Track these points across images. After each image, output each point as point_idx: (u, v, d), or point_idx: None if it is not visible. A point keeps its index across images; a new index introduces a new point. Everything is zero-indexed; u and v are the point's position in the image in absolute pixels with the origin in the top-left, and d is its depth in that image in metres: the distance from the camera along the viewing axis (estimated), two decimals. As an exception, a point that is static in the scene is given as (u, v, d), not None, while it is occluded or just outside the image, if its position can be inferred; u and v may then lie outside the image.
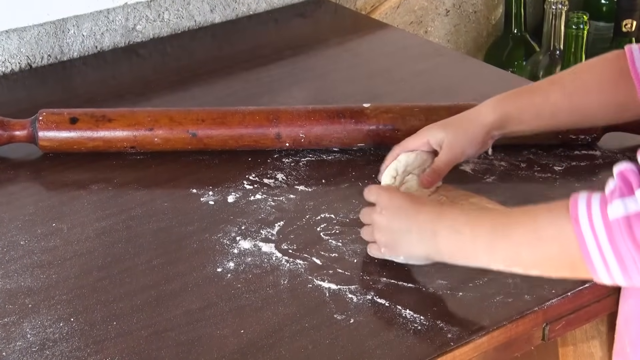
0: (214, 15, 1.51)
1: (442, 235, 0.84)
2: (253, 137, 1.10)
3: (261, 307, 0.86)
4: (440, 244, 0.84)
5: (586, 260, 0.73)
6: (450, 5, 1.76)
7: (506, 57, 1.68)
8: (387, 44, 1.44)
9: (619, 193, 0.71)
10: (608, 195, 0.73)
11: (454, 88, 1.27)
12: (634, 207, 0.70)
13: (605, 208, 0.72)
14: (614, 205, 0.71)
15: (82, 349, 0.82)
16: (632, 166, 0.73)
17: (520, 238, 0.79)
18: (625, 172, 0.72)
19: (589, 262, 0.73)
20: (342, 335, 0.82)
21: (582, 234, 0.73)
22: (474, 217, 0.84)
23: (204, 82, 1.32)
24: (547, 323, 0.86)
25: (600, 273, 0.73)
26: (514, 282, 0.88)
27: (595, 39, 1.67)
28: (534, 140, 1.09)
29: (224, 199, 1.03)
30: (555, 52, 1.54)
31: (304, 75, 1.33)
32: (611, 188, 0.73)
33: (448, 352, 0.80)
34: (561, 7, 1.51)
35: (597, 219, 0.72)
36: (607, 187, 0.73)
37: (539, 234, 0.77)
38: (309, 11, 1.56)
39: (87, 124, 1.11)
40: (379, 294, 0.87)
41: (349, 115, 1.10)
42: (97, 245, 0.96)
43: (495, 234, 0.81)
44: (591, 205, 0.73)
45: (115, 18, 1.43)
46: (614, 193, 0.72)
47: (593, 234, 0.72)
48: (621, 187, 0.72)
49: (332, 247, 0.94)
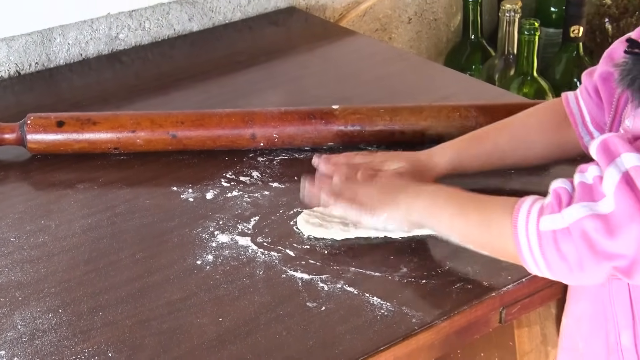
0: (192, 24, 1.51)
1: (422, 198, 0.88)
2: (229, 138, 1.10)
3: (238, 297, 0.86)
4: (418, 203, 0.88)
5: (521, 259, 0.79)
6: (412, 13, 1.76)
7: (464, 61, 1.69)
8: (355, 50, 1.44)
9: (550, 209, 0.76)
10: (545, 207, 0.77)
11: (417, 90, 1.27)
12: (559, 224, 0.75)
13: (539, 220, 0.77)
14: (544, 220, 0.76)
15: (70, 339, 0.81)
16: (565, 184, 0.77)
17: (474, 223, 0.84)
18: (557, 190, 0.77)
19: (523, 261, 0.79)
20: (314, 322, 0.82)
21: (518, 238, 0.78)
22: (452, 192, 0.88)
23: (183, 87, 1.31)
24: (503, 307, 0.87)
25: (533, 270, 0.79)
26: (473, 270, 0.88)
27: (545, 43, 1.68)
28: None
29: (202, 196, 1.03)
30: (509, 56, 1.55)
31: (277, 80, 1.33)
32: (547, 202, 0.77)
33: (412, 335, 0.80)
34: (514, 15, 1.52)
35: (532, 229, 0.77)
36: (545, 200, 0.78)
37: (489, 225, 0.82)
38: (282, 19, 1.55)
39: (73, 127, 1.10)
40: (348, 283, 0.87)
41: (319, 116, 1.10)
42: (83, 240, 0.96)
43: (459, 210, 0.85)
44: (530, 215, 0.78)
45: (99, 27, 1.42)
46: (546, 208, 0.77)
47: (527, 240, 0.77)
48: (553, 204, 0.76)
49: (304, 239, 0.94)
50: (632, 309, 0.82)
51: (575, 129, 1.00)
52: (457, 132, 1.09)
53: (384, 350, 0.79)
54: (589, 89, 0.98)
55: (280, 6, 1.58)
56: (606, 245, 0.72)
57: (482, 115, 1.09)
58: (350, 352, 0.78)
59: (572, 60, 1.60)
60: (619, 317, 0.84)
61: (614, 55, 0.93)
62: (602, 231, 0.72)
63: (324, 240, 0.93)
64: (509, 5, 1.52)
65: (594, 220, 0.72)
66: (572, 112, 1.00)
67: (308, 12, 1.60)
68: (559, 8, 1.74)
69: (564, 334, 0.94)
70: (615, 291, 0.83)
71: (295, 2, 1.60)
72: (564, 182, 0.77)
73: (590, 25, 1.68)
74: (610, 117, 0.91)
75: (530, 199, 0.79)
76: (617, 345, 0.84)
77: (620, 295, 0.83)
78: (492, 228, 0.82)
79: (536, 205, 0.78)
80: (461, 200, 0.86)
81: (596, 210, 0.73)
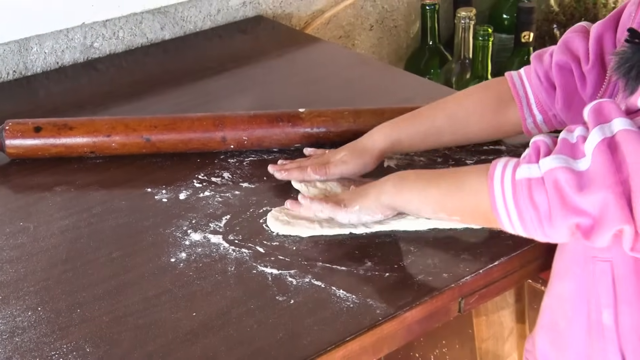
0: (164, 32, 1.50)
1: (391, 180, 0.89)
2: (201, 141, 1.09)
3: (211, 292, 0.85)
4: (387, 185, 0.88)
5: (494, 212, 0.77)
6: (373, 21, 1.76)
7: (423, 66, 1.69)
8: (320, 56, 1.44)
9: (527, 159, 0.75)
10: (521, 159, 0.76)
11: (379, 93, 1.27)
12: (535, 173, 0.73)
13: (515, 170, 0.75)
14: (521, 168, 0.74)
15: (49, 335, 0.80)
16: (546, 138, 0.75)
17: (447, 188, 0.84)
18: (537, 142, 0.75)
19: (496, 213, 0.77)
20: (283, 315, 0.82)
21: (493, 188, 0.76)
22: (420, 171, 0.89)
23: (156, 93, 1.30)
24: (462, 297, 0.87)
25: (505, 224, 0.77)
26: (433, 262, 0.88)
27: (498, 48, 1.69)
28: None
29: (176, 196, 1.02)
30: (465, 60, 1.56)
31: (246, 85, 1.32)
32: (525, 154, 0.76)
33: (377, 326, 0.80)
34: (469, 22, 1.52)
35: (507, 178, 0.75)
36: (523, 154, 0.76)
37: (462, 187, 0.81)
38: (250, 28, 1.55)
39: (50, 132, 1.09)
40: (316, 277, 0.87)
41: (287, 119, 1.10)
42: (61, 241, 0.95)
43: (429, 182, 0.86)
44: (506, 167, 0.76)
45: (74, 36, 1.41)
46: (524, 158, 0.75)
47: (501, 189, 0.76)
48: (531, 154, 0.75)
49: (273, 236, 0.93)
50: (614, 289, 0.82)
51: (519, 109, 0.99)
52: (416, 132, 1.09)
53: (350, 340, 0.79)
54: (539, 73, 0.98)
55: (249, 15, 1.58)
56: (574, 199, 0.70)
57: (440, 117, 1.09)
58: (318, 343, 0.78)
59: (523, 63, 1.60)
60: (601, 296, 0.83)
61: (570, 45, 0.94)
62: (573, 184, 0.70)
63: (292, 237, 0.93)
64: (464, 12, 1.52)
65: (567, 172, 0.71)
66: (518, 92, 0.99)
67: (275, 20, 1.60)
68: (511, 15, 1.75)
69: (545, 312, 0.93)
70: (599, 271, 0.82)
71: (262, 11, 1.59)
72: (545, 136, 0.76)
73: (539, 31, 1.69)
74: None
75: (505, 157, 0.78)
76: (598, 324, 0.84)
77: (603, 275, 0.82)
78: (465, 187, 0.81)
79: (513, 160, 0.77)
80: (430, 174, 0.87)
81: (572, 165, 0.71)
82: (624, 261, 0.78)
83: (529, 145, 0.76)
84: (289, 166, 1.02)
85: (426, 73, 1.67)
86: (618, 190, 0.69)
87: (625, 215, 0.69)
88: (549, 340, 0.93)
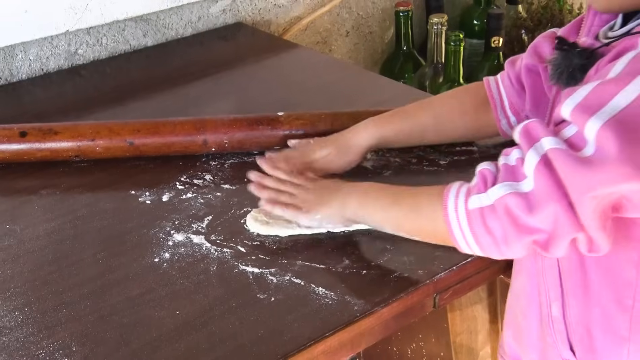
0: (146, 39, 1.49)
1: (354, 194, 0.88)
2: (183, 144, 1.09)
3: (194, 291, 0.85)
4: (351, 198, 0.88)
5: (451, 238, 0.79)
6: (349, 27, 1.76)
7: (398, 70, 1.69)
8: (298, 61, 1.43)
9: (477, 189, 0.76)
10: (471, 189, 0.77)
11: (355, 97, 1.27)
12: (486, 202, 0.75)
13: (467, 200, 0.77)
14: (472, 199, 0.76)
15: (35, 334, 0.79)
16: (490, 166, 0.77)
17: (406, 210, 0.84)
18: (483, 172, 0.77)
19: (453, 239, 0.79)
20: (264, 312, 0.81)
21: (448, 217, 0.78)
22: (382, 186, 0.88)
23: (139, 98, 1.30)
24: (437, 293, 0.87)
25: (463, 247, 0.79)
26: (408, 260, 0.88)
27: (470, 53, 1.69)
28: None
29: (159, 198, 1.01)
30: (438, 65, 1.56)
31: (226, 89, 1.32)
32: (473, 184, 0.77)
33: (355, 322, 0.80)
34: (441, 27, 1.52)
35: (461, 208, 0.77)
36: (472, 181, 0.78)
37: (420, 211, 0.83)
38: (230, 34, 1.54)
39: (36, 136, 1.07)
40: (295, 275, 0.86)
41: (266, 122, 1.09)
42: (47, 243, 0.94)
43: (391, 202, 0.86)
44: (458, 197, 0.78)
45: (58, 44, 1.40)
46: (473, 189, 0.77)
47: (457, 219, 0.77)
48: (479, 184, 0.76)
49: (254, 236, 0.93)
50: (561, 283, 0.83)
51: (494, 111, 1.01)
52: (392, 134, 1.09)
53: (329, 336, 0.79)
54: (512, 77, 0.99)
55: (229, 22, 1.57)
56: (527, 221, 0.72)
57: (414, 119, 1.09)
58: (298, 338, 0.78)
59: (493, 67, 1.62)
60: (550, 290, 0.85)
61: (539, 49, 0.95)
62: (523, 207, 0.72)
63: (272, 237, 0.93)
64: (437, 19, 1.52)
65: (515, 197, 0.72)
66: (493, 96, 1.01)
67: (254, 27, 1.59)
68: (481, 21, 1.75)
69: (507, 310, 0.94)
70: (547, 266, 0.84)
71: (242, 19, 1.59)
72: (489, 164, 0.78)
73: (508, 36, 1.70)
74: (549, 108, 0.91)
75: (457, 183, 0.80)
76: (549, 317, 0.85)
77: (551, 269, 0.84)
78: (422, 213, 0.82)
79: (463, 188, 0.78)
80: (391, 191, 0.87)
81: (517, 189, 0.73)
82: (568, 256, 0.80)
83: (475, 174, 0.78)
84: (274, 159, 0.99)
85: (400, 77, 1.67)
86: (564, 203, 0.71)
87: (576, 224, 0.71)
88: (512, 335, 0.94)
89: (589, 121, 0.69)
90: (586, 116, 0.69)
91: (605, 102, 0.69)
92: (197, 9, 1.52)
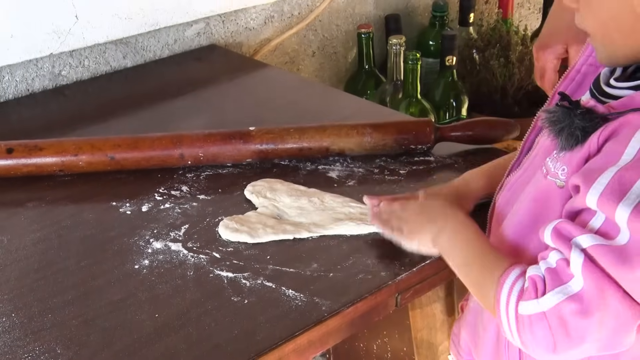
0: (126, 61, 1.47)
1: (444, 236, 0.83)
2: (161, 158, 1.07)
3: (172, 295, 0.84)
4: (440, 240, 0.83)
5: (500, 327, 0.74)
6: (316, 48, 1.76)
7: (360, 87, 1.69)
8: (268, 80, 1.43)
9: (527, 296, 0.71)
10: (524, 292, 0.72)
11: (321, 112, 1.27)
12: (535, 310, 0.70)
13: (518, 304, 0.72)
14: (522, 305, 0.71)
15: (22, 339, 0.78)
16: (539, 272, 0.72)
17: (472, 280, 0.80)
18: (533, 277, 0.72)
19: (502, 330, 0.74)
20: (238, 314, 0.81)
21: (499, 312, 0.73)
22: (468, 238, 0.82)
23: (119, 115, 1.28)
24: (399, 293, 0.87)
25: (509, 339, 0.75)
26: (372, 263, 0.88)
27: (426, 71, 1.70)
28: (383, 151, 1.10)
29: (138, 208, 1.00)
30: (397, 82, 1.56)
31: (201, 107, 1.31)
32: (525, 287, 0.72)
33: (323, 321, 0.80)
34: (400, 48, 1.53)
35: (512, 311, 0.72)
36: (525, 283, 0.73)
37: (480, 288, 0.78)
38: (204, 55, 1.53)
39: (22, 153, 1.06)
40: (267, 279, 0.86)
41: (239, 137, 1.09)
42: (33, 252, 0.92)
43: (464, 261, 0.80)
44: (510, 296, 0.73)
45: (43, 66, 1.38)
46: (525, 294, 0.72)
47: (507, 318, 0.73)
48: (530, 290, 0.71)
49: (228, 243, 0.92)
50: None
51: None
52: (355, 147, 1.09)
53: (299, 335, 0.78)
54: None
55: (203, 44, 1.56)
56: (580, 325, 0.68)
57: (376, 132, 1.09)
58: (271, 338, 0.77)
59: (448, 84, 1.63)
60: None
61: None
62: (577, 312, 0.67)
63: (245, 243, 0.92)
64: (395, 40, 1.53)
65: (569, 302, 0.68)
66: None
67: (227, 48, 1.59)
68: (436, 42, 1.76)
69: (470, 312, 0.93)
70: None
71: (215, 41, 1.58)
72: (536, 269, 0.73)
73: (461, 55, 1.70)
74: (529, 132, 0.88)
75: (513, 274, 0.74)
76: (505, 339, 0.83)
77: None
78: (482, 291, 0.77)
79: (517, 286, 0.73)
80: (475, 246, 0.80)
81: (568, 292, 0.68)
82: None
83: (526, 278, 0.72)
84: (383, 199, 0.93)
85: (363, 93, 1.67)
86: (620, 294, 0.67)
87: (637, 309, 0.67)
88: (469, 335, 0.93)
89: (618, 209, 0.66)
90: (614, 204, 0.66)
91: (628, 188, 0.65)
92: (173, 32, 1.51)
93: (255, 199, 1.00)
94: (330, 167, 1.08)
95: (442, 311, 1.05)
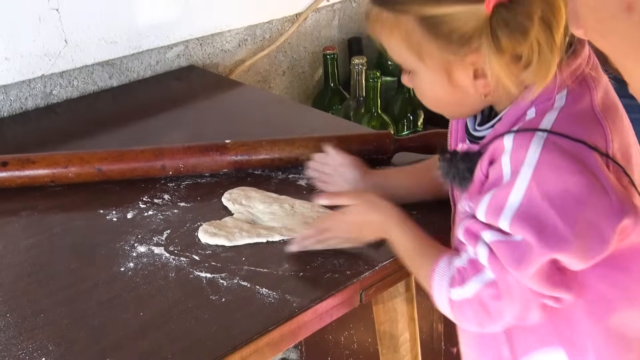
0: (112, 80, 1.46)
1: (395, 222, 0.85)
2: (144, 169, 1.06)
3: (155, 295, 0.83)
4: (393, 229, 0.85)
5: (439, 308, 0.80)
6: (285, 68, 1.76)
7: (327, 103, 1.70)
8: (242, 97, 1.42)
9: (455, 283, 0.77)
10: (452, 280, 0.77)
11: (291, 126, 1.26)
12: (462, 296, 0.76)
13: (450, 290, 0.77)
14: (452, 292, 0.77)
15: (16, 337, 0.76)
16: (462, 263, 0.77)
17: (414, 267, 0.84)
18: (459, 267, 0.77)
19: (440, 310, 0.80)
20: (217, 311, 0.80)
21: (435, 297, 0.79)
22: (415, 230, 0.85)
23: (106, 131, 1.27)
24: (363, 290, 0.87)
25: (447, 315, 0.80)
26: (338, 262, 0.88)
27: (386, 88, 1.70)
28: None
29: (124, 216, 0.99)
30: (360, 98, 1.57)
31: (181, 122, 1.30)
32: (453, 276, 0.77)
33: (294, 317, 0.79)
34: (362, 67, 1.54)
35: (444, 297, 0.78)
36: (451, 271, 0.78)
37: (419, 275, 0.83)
38: (184, 75, 1.52)
39: (15, 165, 1.04)
40: (243, 278, 0.85)
41: (215, 149, 1.08)
42: (26, 257, 0.90)
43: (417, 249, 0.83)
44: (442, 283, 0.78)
45: (35, 86, 1.36)
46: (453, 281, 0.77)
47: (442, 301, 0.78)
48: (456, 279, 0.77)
49: (206, 246, 0.91)
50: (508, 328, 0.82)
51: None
52: (322, 157, 1.09)
53: (273, 329, 0.78)
54: None
55: (182, 65, 1.55)
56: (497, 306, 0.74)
57: (341, 143, 1.09)
58: (247, 333, 0.77)
59: (405, 100, 1.63)
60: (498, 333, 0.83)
61: None
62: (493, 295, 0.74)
63: (223, 246, 0.91)
64: (358, 60, 1.54)
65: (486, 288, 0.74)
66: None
67: (204, 69, 1.58)
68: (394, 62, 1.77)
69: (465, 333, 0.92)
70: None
71: (194, 62, 1.57)
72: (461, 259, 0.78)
73: (418, 74, 1.71)
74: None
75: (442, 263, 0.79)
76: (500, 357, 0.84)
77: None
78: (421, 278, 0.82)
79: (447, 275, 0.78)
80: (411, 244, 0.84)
81: (485, 280, 0.74)
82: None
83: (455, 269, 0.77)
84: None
85: (329, 109, 1.67)
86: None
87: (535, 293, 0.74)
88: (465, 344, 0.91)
89: (499, 222, 0.72)
90: (496, 218, 0.72)
91: (503, 204, 0.71)
92: (156, 54, 1.50)
93: (231, 205, 0.99)
94: (299, 175, 1.08)
95: (402, 305, 1.06)
